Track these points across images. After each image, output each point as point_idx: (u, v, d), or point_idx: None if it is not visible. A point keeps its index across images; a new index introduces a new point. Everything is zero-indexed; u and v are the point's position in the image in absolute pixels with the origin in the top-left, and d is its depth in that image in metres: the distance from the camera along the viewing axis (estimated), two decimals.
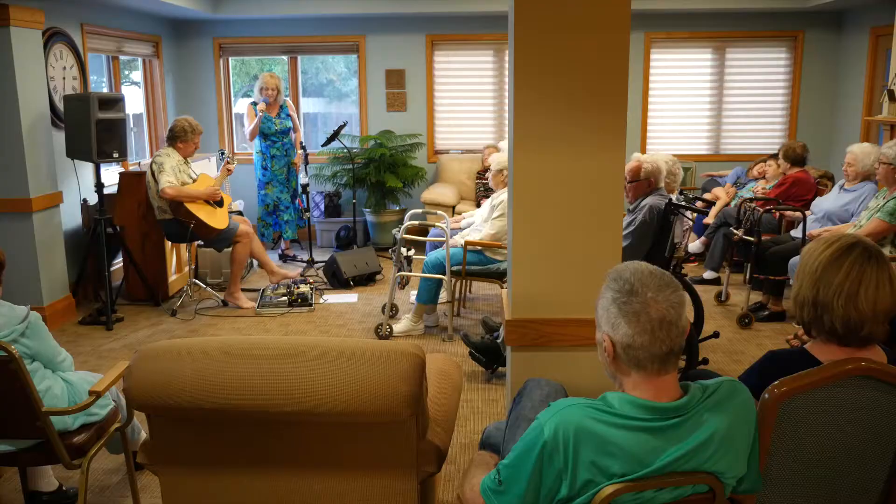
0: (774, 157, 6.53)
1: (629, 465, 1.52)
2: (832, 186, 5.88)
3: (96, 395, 2.58)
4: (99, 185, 5.34)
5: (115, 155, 5.29)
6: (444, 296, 5.16)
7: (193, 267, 6.15)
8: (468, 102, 8.11)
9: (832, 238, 1.95)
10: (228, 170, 5.89)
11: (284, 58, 8.24)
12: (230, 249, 5.74)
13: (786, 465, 1.86)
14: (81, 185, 5.76)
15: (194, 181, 5.59)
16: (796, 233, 5.34)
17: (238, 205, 7.11)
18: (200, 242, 5.97)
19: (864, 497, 1.94)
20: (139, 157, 7.35)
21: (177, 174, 5.42)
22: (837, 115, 7.89)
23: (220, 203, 5.63)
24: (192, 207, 5.38)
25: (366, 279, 6.36)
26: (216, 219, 5.52)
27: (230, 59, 8.20)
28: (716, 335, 4.54)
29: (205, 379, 1.97)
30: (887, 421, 1.86)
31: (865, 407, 1.83)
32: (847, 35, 7.70)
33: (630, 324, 1.54)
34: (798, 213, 5.38)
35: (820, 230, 5.04)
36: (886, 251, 4.43)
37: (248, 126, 6.74)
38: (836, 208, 5.21)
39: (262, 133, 6.76)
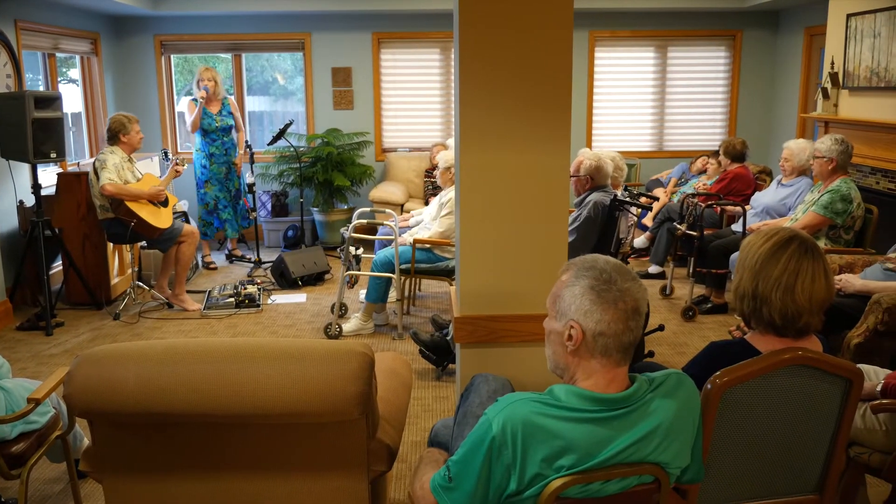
0: (715, 153, 6.69)
1: (577, 456, 1.54)
2: (770, 181, 6.04)
3: (35, 402, 2.51)
4: (36, 187, 5.18)
5: (53, 155, 5.14)
6: (393, 294, 5.15)
7: (137, 269, 6.02)
8: (416, 100, 8.11)
9: (771, 232, 2.01)
10: (177, 171, 5.77)
11: (228, 55, 8.12)
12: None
13: (728, 452, 1.91)
14: (17, 186, 5.58)
15: (139, 180, 5.47)
16: (737, 227, 5.48)
17: (183, 205, 6.97)
18: (144, 244, 5.85)
19: (803, 481, 2.01)
20: (78, 157, 7.15)
21: (119, 172, 5.29)
22: (774, 112, 8.12)
23: (164, 202, 5.52)
24: (133, 206, 5.26)
25: (314, 279, 6.31)
26: (159, 218, 5.41)
27: (172, 56, 8.04)
28: (661, 328, 4.63)
29: (149, 383, 1.93)
30: (824, 407, 1.93)
31: (803, 394, 1.90)
32: (783, 34, 7.92)
33: (608, 311, 1.57)
34: (738, 208, 5.51)
35: (759, 224, 5.18)
36: (821, 243, 4.58)
37: (189, 118, 6.61)
38: (774, 202, 5.36)
39: (203, 129, 6.63)
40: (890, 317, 3.37)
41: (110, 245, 5.78)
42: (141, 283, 5.87)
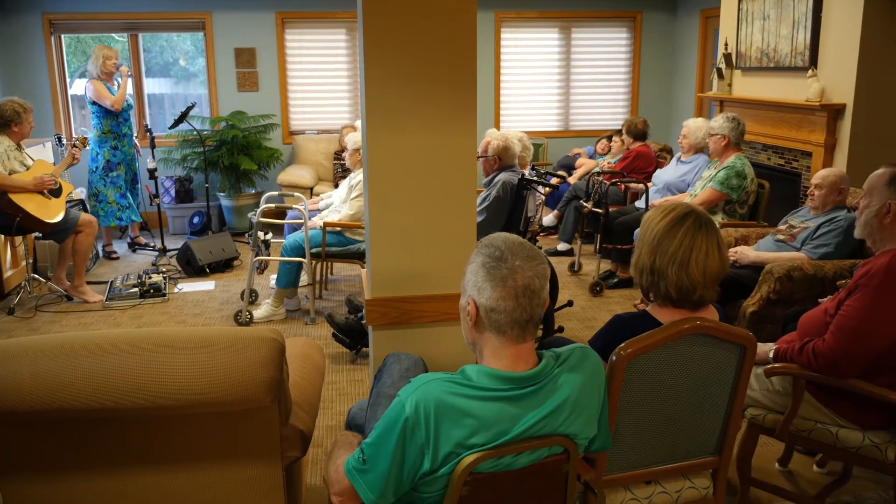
0: (618, 132, 6.87)
1: (489, 434, 1.57)
2: (671, 159, 6.26)
3: None
4: None
5: None
6: (304, 279, 5.09)
7: (31, 260, 5.73)
8: (323, 81, 7.99)
9: (668, 208, 2.09)
10: (73, 155, 5.47)
11: (124, 35, 7.77)
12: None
13: (633, 420, 1.99)
14: None
15: (28, 168, 5.18)
16: (640, 203, 5.66)
17: (79, 193, 6.66)
18: (38, 234, 5.56)
19: (703, 444, 2.11)
20: None
21: (4, 162, 4.99)
22: (673, 91, 8.40)
23: (56, 192, 5.24)
24: (17, 199, 4.95)
25: (223, 265, 6.16)
26: (49, 211, 5.12)
27: (63, 36, 7.63)
28: (570, 304, 4.75)
29: (46, 379, 1.85)
30: (721, 373, 2.02)
31: (702, 362, 1.99)
32: (680, 16, 8.19)
33: (496, 288, 1.59)
34: (641, 185, 5.69)
35: (661, 200, 5.36)
36: (719, 218, 4.78)
37: (106, 99, 6.23)
38: (675, 179, 5.56)
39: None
40: (781, 286, 3.56)
41: (1, 236, 5.48)
42: (37, 276, 5.59)
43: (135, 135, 6.58)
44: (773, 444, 3.22)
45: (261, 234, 4.94)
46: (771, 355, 2.58)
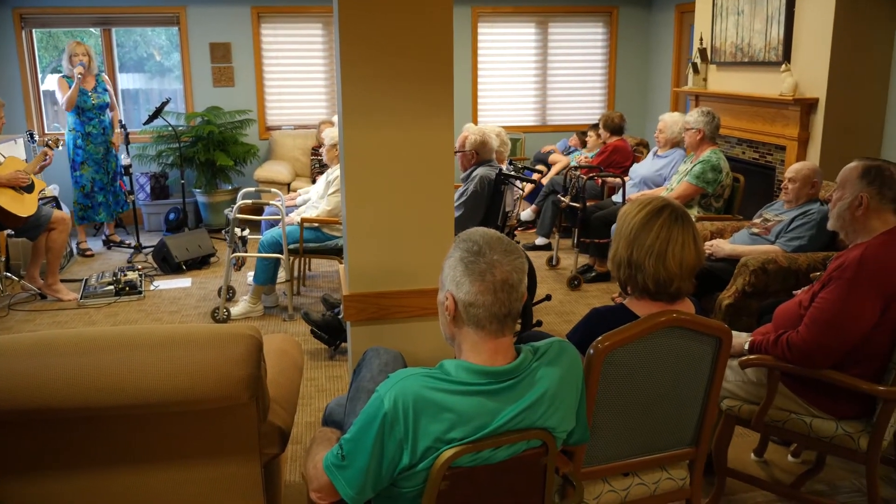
0: (594, 127, 6.90)
1: (468, 428, 1.57)
2: (647, 153, 6.30)
3: None
4: None
5: None
6: (282, 275, 5.07)
7: (3, 258, 5.65)
8: (299, 76, 7.93)
9: (645, 201, 2.11)
10: (46, 154, 5.38)
11: (97, 30, 7.67)
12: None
13: (611, 413, 2.00)
14: None
15: (0, 164, 5.10)
16: (617, 198, 5.69)
17: (53, 190, 6.57)
18: (11, 232, 5.48)
19: (681, 436, 2.13)
20: None
21: None
22: (649, 86, 8.44)
23: (29, 188, 5.17)
24: None
25: (199, 262, 6.11)
26: (22, 206, 5.05)
27: (34, 31, 7.52)
28: (548, 298, 4.77)
29: (20, 378, 1.82)
30: (698, 365, 2.04)
31: (678, 354, 2.00)
32: (656, 11, 8.23)
33: (475, 283, 1.59)
34: (618, 180, 5.72)
35: (637, 194, 5.39)
36: (695, 212, 4.82)
37: (64, 95, 6.21)
38: (651, 173, 5.60)
39: (78, 107, 6.26)
40: (756, 278, 3.60)
41: None
42: (9, 274, 5.52)
43: (113, 134, 6.49)
44: (749, 435, 3.25)
45: (238, 230, 4.90)
46: (746, 347, 2.61)
